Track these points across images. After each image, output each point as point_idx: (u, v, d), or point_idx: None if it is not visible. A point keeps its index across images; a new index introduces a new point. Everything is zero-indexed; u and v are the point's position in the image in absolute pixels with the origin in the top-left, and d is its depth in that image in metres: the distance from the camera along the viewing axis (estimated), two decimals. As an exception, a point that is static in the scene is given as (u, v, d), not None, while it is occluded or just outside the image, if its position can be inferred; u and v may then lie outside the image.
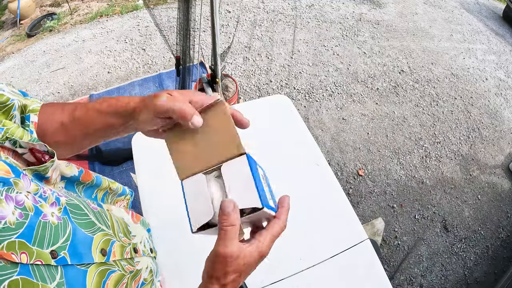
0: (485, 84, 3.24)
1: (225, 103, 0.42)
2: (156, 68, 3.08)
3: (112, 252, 0.49)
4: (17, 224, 0.35)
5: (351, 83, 3.06)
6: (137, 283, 0.53)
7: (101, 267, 0.45)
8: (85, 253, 0.43)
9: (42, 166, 0.45)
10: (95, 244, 0.46)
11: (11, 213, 0.35)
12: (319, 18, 3.74)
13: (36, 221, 0.38)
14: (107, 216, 0.55)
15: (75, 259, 0.41)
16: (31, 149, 0.45)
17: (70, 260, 0.40)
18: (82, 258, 0.42)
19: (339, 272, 0.85)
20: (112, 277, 0.46)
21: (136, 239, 0.60)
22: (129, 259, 0.54)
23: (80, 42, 3.43)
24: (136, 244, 0.59)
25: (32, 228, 0.37)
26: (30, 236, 0.36)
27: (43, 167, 0.45)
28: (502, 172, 2.59)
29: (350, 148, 2.59)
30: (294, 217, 0.93)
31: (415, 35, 3.67)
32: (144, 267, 0.58)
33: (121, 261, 0.51)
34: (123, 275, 0.49)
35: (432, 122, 2.83)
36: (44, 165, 0.45)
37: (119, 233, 0.54)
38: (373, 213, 2.25)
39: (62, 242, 0.40)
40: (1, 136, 0.42)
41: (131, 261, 0.54)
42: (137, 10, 3.80)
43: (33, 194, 0.40)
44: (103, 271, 0.45)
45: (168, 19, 3.12)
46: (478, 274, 2.09)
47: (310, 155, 1.08)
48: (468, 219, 2.31)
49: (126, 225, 0.61)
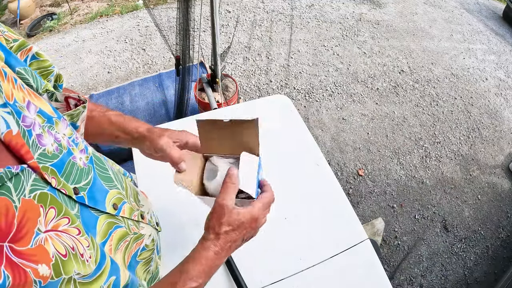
0: (485, 84, 3.24)
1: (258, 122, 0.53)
2: (156, 68, 3.08)
3: (122, 209, 0.53)
4: (53, 155, 0.40)
5: (351, 83, 3.06)
6: (138, 246, 0.57)
7: (110, 219, 0.49)
8: (100, 201, 0.48)
9: (76, 110, 0.51)
10: (109, 197, 0.51)
11: (50, 144, 0.41)
12: (319, 18, 3.74)
13: (67, 159, 0.43)
14: (122, 179, 0.60)
15: (91, 202, 0.45)
16: (66, 98, 0.51)
17: (87, 201, 0.44)
18: (97, 204, 0.47)
19: (339, 272, 0.85)
20: (117, 231, 0.51)
21: (144, 208, 0.65)
22: (135, 221, 0.58)
23: (80, 42, 3.43)
24: (143, 212, 0.63)
25: (63, 162, 0.42)
26: (60, 168, 0.41)
27: (77, 110, 0.51)
28: (502, 172, 2.59)
29: (350, 148, 2.59)
30: (294, 217, 0.93)
31: (415, 35, 3.67)
32: (147, 234, 0.61)
33: (128, 220, 0.55)
34: (127, 233, 0.53)
35: (432, 122, 2.83)
36: (77, 108, 0.51)
37: (130, 197, 0.59)
38: (373, 213, 2.25)
39: (83, 184, 0.45)
40: (42, 88, 0.48)
41: (137, 224, 0.58)
42: (137, 10, 3.80)
43: (67, 137, 0.46)
44: (111, 223, 0.49)
45: (168, 19, 3.12)
46: (478, 274, 2.09)
47: (310, 155, 1.08)
48: (468, 219, 2.31)
49: (137, 193, 0.66)
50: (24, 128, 0.37)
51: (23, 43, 0.47)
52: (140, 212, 0.61)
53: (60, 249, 0.35)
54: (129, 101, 2.53)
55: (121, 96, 2.57)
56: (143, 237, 0.59)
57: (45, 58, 0.51)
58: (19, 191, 0.32)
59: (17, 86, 0.39)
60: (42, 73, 0.50)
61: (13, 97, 0.37)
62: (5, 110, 0.35)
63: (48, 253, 0.33)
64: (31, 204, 0.34)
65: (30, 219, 0.33)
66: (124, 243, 0.52)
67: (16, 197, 0.32)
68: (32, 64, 0.49)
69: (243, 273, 0.81)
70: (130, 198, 0.59)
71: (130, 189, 0.61)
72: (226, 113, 1.22)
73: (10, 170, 0.32)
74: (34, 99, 0.41)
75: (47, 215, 0.36)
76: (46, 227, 0.35)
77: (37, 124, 0.39)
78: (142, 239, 0.59)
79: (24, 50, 0.47)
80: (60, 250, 0.35)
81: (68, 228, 0.38)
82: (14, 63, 0.43)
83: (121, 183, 0.57)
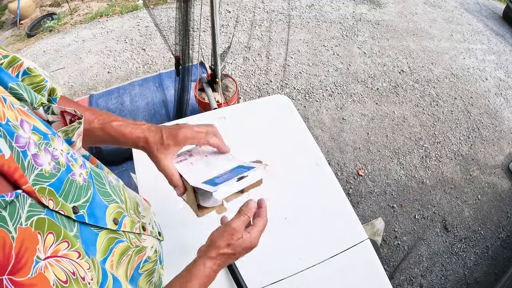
0: (485, 84, 3.24)
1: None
2: (156, 68, 3.08)
3: (123, 223, 0.53)
4: (50, 174, 0.39)
5: (351, 83, 3.06)
6: (140, 259, 0.56)
7: (111, 234, 0.49)
8: (100, 217, 0.47)
9: (71, 126, 0.50)
10: (109, 212, 0.50)
11: (47, 163, 0.39)
12: (319, 18, 3.74)
13: (65, 177, 0.42)
14: (121, 191, 0.59)
15: (91, 219, 0.44)
16: (62, 113, 0.51)
17: (87, 219, 0.44)
18: (98, 221, 0.46)
19: (339, 272, 0.85)
20: (119, 246, 0.50)
21: (145, 219, 0.64)
22: (137, 234, 0.57)
23: (80, 42, 3.43)
24: (145, 224, 0.62)
25: (62, 181, 0.41)
26: (58, 187, 0.40)
27: (71, 127, 0.50)
28: (502, 172, 2.59)
29: (350, 148, 2.59)
30: (294, 217, 0.93)
31: (415, 35, 3.67)
32: (149, 245, 0.61)
33: (130, 233, 0.55)
34: (128, 247, 0.52)
35: (432, 122, 2.83)
36: (72, 124, 0.50)
37: (130, 210, 0.58)
38: (373, 213, 2.25)
39: (83, 201, 0.44)
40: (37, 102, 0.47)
41: (138, 237, 0.58)
42: (137, 10, 3.80)
43: (66, 153, 0.45)
44: (112, 238, 0.49)
45: (168, 19, 3.12)
46: (478, 274, 2.09)
47: (310, 155, 1.08)
48: (468, 219, 2.31)
49: (137, 205, 0.64)
50: (18, 150, 0.35)
51: (14, 59, 0.46)
52: (142, 224, 0.60)
53: (61, 275, 0.34)
54: (129, 101, 2.53)
55: (121, 96, 2.57)
56: (145, 250, 0.58)
57: (37, 73, 0.50)
58: (14, 220, 0.31)
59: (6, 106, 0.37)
60: (35, 89, 0.49)
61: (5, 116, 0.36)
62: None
63: (48, 281, 0.32)
64: (28, 232, 0.32)
65: (29, 248, 0.31)
66: (126, 257, 0.52)
67: (12, 227, 0.30)
68: (24, 80, 0.48)
69: (243, 273, 0.81)
70: (130, 211, 0.58)
71: (129, 201, 0.60)
72: (226, 113, 1.22)
73: (4, 199, 0.30)
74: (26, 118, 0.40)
75: (46, 241, 0.34)
76: (45, 254, 0.34)
77: (32, 143, 0.38)
78: (145, 251, 0.58)
79: (15, 66, 0.47)
80: (60, 277, 0.34)
81: (68, 253, 0.37)
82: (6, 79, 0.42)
83: (120, 196, 0.56)
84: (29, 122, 0.40)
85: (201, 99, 2.15)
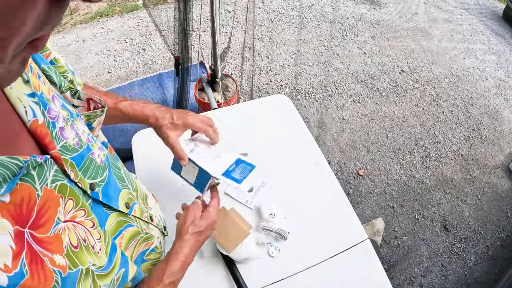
0: (485, 84, 3.24)
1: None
2: (156, 68, 3.08)
3: (134, 209, 0.55)
4: (73, 149, 0.42)
5: (351, 83, 3.06)
6: (147, 246, 0.59)
7: (120, 217, 0.50)
8: (114, 198, 0.49)
9: (94, 112, 0.53)
10: (121, 196, 0.52)
11: (71, 138, 0.42)
12: (319, 18, 3.74)
13: (86, 154, 0.45)
14: (133, 180, 0.62)
15: (105, 198, 0.46)
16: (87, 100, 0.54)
17: (101, 197, 0.45)
18: (111, 201, 0.48)
19: (339, 272, 0.85)
20: (129, 229, 0.52)
21: (152, 211, 0.66)
22: (145, 221, 0.60)
23: (80, 42, 3.42)
24: (152, 214, 0.65)
25: (82, 157, 0.43)
26: (79, 162, 0.42)
27: (94, 112, 0.53)
28: (502, 172, 2.59)
29: (350, 148, 2.59)
30: (294, 217, 0.93)
31: (415, 35, 3.67)
32: (156, 236, 0.63)
33: (140, 220, 0.57)
34: (138, 232, 0.55)
35: (432, 122, 2.83)
36: (95, 111, 0.53)
37: (139, 199, 0.61)
38: (373, 213, 2.25)
39: (99, 180, 0.46)
40: (65, 86, 0.50)
41: (147, 225, 0.60)
42: (137, 10, 3.80)
43: (87, 134, 0.48)
44: (121, 221, 0.51)
45: (167, 19, 3.12)
46: (478, 274, 2.09)
47: (310, 155, 1.08)
48: (468, 219, 2.31)
49: (146, 197, 0.68)
50: (49, 119, 0.38)
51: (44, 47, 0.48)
52: (149, 214, 0.62)
53: (73, 240, 0.36)
54: (129, 101, 2.53)
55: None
56: (153, 238, 0.60)
57: (61, 64, 0.53)
58: (41, 180, 0.33)
59: (41, 81, 0.41)
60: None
61: (40, 89, 0.39)
62: (33, 100, 0.36)
63: (62, 243, 0.34)
64: (52, 193, 0.35)
65: (51, 208, 0.34)
66: (135, 241, 0.54)
67: (38, 186, 0.33)
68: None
69: (243, 273, 0.81)
70: (139, 199, 0.60)
71: (139, 191, 0.63)
72: (226, 112, 1.22)
73: (36, 159, 0.32)
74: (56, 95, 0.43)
75: (66, 206, 0.37)
76: (65, 217, 0.36)
77: (61, 117, 0.41)
78: (153, 240, 0.60)
79: (45, 54, 0.50)
80: (72, 242, 0.36)
81: (83, 220, 0.39)
82: (39, 60, 0.46)
83: (132, 184, 0.59)
84: (59, 99, 0.43)
85: (201, 99, 2.15)
